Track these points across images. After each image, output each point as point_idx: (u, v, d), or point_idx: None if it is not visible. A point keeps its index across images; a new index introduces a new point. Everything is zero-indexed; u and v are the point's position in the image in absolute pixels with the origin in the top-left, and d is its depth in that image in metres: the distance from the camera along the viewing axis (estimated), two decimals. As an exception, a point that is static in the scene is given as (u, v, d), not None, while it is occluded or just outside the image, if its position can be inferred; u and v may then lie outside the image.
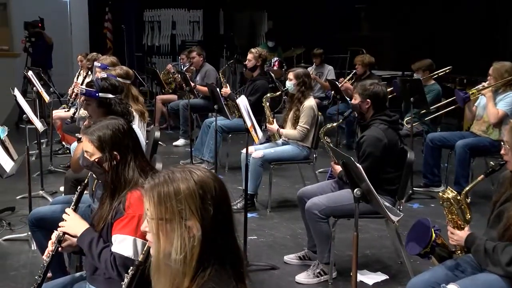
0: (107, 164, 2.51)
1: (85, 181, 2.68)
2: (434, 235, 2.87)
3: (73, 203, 2.63)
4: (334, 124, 4.65)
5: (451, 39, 10.96)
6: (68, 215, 2.55)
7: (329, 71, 9.20)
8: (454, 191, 2.88)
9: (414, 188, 5.96)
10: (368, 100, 4.00)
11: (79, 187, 2.66)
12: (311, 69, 8.83)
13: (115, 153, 2.51)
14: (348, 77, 8.04)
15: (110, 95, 3.66)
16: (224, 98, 6.77)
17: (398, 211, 3.83)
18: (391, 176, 3.92)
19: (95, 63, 5.60)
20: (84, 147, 2.58)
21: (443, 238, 2.91)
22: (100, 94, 3.64)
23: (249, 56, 6.72)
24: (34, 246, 4.41)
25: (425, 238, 2.88)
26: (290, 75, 5.49)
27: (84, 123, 3.32)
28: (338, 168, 4.10)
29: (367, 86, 4.03)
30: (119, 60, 5.73)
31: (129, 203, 2.41)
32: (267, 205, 5.56)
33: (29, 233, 4.49)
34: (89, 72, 7.01)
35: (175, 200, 1.56)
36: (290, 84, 5.46)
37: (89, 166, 2.57)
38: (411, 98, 5.95)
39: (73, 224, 2.52)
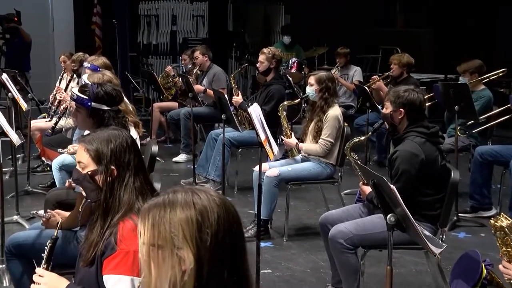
0: (101, 179, 2.54)
1: (55, 234, 2.66)
2: (485, 271, 2.85)
3: (44, 261, 2.56)
4: (362, 137, 4.65)
5: (505, 36, 10.93)
6: (42, 276, 2.48)
7: (356, 72, 9.19)
8: (509, 218, 2.85)
9: (460, 214, 5.92)
10: (401, 109, 4.01)
11: (48, 241, 2.64)
12: (334, 71, 8.84)
13: (112, 167, 2.54)
14: (382, 77, 8.03)
15: (105, 107, 3.69)
16: (233, 106, 6.78)
17: (440, 241, 3.80)
18: (430, 199, 3.91)
19: (84, 64, 5.64)
20: (78, 157, 2.61)
21: (496, 275, 2.88)
22: (93, 104, 3.67)
23: (261, 57, 6.75)
24: (6, 282, 4.43)
25: (474, 274, 2.86)
26: (311, 79, 5.50)
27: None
28: (368, 189, 4.09)
29: (401, 92, 4.04)
30: (110, 61, 5.76)
31: (121, 236, 2.41)
32: (284, 233, 5.55)
33: (1, 266, 4.52)
34: (74, 76, 7.07)
35: (169, 224, 1.59)
36: (311, 90, 5.47)
37: (80, 179, 2.59)
38: (456, 106, 5.93)
39: (50, 286, 2.47)
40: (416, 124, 4.01)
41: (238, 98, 7.02)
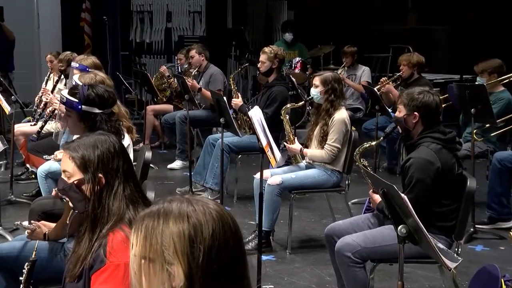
0: (88, 188, 2.54)
1: (33, 255, 2.66)
2: (504, 287, 2.85)
3: (21, 286, 2.57)
4: (373, 142, 4.65)
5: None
6: None
7: (364, 72, 9.20)
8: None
9: (477, 226, 5.91)
10: (415, 113, 4.01)
11: (26, 263, 2.63)
12: (340, 71, 8.85)
13: (100, 175, 2.54)
14: (391, 79, 8.04)
15: (97, 110, 3.70)
16: (233, 109, 6.78)
17: (455, 254, 3.80)
18: (445, 210, 3.91)
19: (72, 64, 5.65)
20: (63, 166, 2.62)
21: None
22: (83, 107, 3.68)
23: (262, 57, 6.76)
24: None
25: (491, 290, 2.86)
26: (316, 80, 5.51)
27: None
28: (378, 198, 4.09)
29: (415, 95, 4.04)
30: (100, 61, 5.77)
31: (111, 248, 2.41)
32: (287, 245, 5.54)
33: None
34: (61, 76, 7.07)
35: (161, 237, 1.60)
36: (315, 92, 5.47)
37: (65, 190, 2.60)
38: (472, 109, 5.93)
39: None
40: (431, 129, 4.00)
41: (237, 101, 7.03)
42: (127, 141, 4.09)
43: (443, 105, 6.91)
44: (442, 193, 3.89)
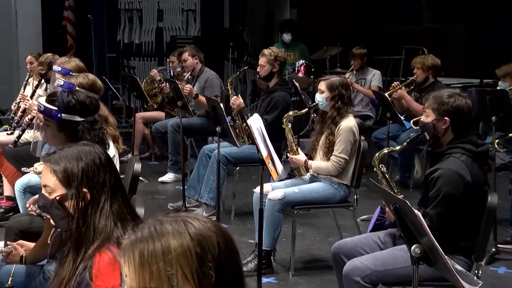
0: (71, 205, 2.54)
1: (9, 281, 2.67)
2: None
3: None
4: (397, 147, 4.62)
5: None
6: None
7: (374, 76, 9.20)
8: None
9: (499, 245, 5.90)
10: (446, 118, 3.99)
11: None
12: (348, 76, 8.85)
13: (84, 190, 2.54)
14: (404, 84, 8.04)
15: (78, 118, 3.70)
16: (230, 116, 6.79)
17: (475, 277, 3.79)
18: (464, 228, 3.89)
19: (54, 67, 5.66)
20: (44, 180, 2.61)
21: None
22: (63, 115, 3.68)
23: (262, 60, 6.75)
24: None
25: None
26: (322, 85, 5.51)
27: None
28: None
29: (444, 98, 4.01)
30: (84, 63, 5.78)
31: (97, 271, 2.41)
32: (289, 266, 5.54)
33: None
34: (42, 81, 7.08)
35: (163, 261, 1.58)
36: (321, 98, 5.48)
37: (47, 206, 2.59)
38: (493, 117, 5.93)
39: None
40: (463, 137, 3.98)
41: (238, 101, 6.93)
42: (112, 151, 4.09)
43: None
44: (468, 210, 3.88)
